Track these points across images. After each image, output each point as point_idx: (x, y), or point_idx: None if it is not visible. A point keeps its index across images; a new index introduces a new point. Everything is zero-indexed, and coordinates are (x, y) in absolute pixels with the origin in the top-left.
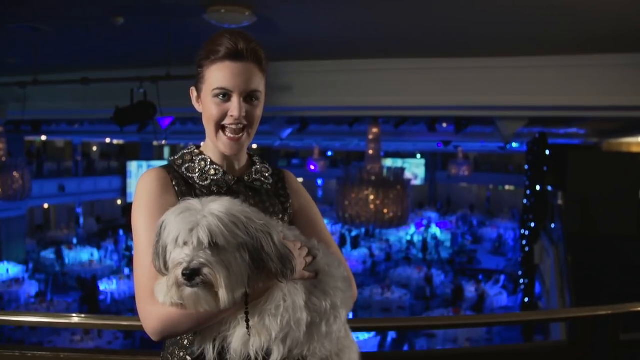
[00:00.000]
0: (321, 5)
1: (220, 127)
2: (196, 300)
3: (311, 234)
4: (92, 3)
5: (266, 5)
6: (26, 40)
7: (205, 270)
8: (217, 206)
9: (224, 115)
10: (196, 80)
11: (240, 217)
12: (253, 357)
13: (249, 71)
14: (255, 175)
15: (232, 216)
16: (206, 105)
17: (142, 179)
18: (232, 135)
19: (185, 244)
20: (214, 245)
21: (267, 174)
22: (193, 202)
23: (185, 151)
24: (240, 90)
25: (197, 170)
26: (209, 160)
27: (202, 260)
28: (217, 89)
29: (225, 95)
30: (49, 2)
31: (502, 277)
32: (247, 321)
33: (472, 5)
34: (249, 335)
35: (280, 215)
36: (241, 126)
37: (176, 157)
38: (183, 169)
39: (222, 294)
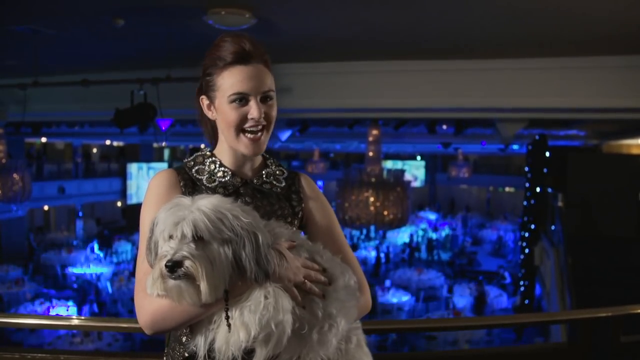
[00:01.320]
0: (321, 7)
1: (240, 130)
2: (179, 293)
3: (323, 238)
4: (92, 5)
5: (266, 7)
6: (26, 42)
7: (187, 263)
8: (205, 202)
9: (243, 119)
10: (205, 88)
11: (227, 214)
12: (234, 356)
13: (260, 72)
14: (267, 178)
15: (218, 212)
16: (223, 111)
17: (152, 180)
18: (252, 136)
19: (170, 237)
20: (198, 240)
21: (281, 177)
22: (184, 199)
23: (198, 154)
24: (256, 92)
25: (206, 172)
26: (219, 162)
27: (184, 253)
28: (234, 94)
29: (242, 99)
30: (50, 4)
31: (507, 275)
32: (227, 317)
33: (472, 7)
34: (229, 332)
35: (290, 219)
36: (260, 127)
37: (189, 159)
38: (193, 171)
39: (204, 287)
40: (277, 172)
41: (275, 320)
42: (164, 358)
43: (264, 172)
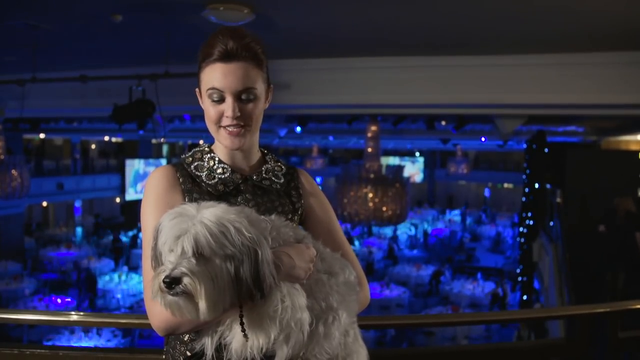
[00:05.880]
0: (319, 3)
1: (218, 126)
2: (177, 308)
3: (323, 234)
4: (90, 0)
5: (265, 3)
6: (24, 37)
7: (186, 280)
8: (209, 214)
9: (220, 116)
10: (197, 82)
11: (230, 227)
12: (254, 358)
13: (242, 69)
14: (266, 174)
15: (221, 225)
16: (205, 106)
17: (151, 177)
18: (230, 130)
19: (171, 251)
20: (199, 255)
21: (279, 173)
22: (188, 207)
23: (196, 149)
24: (231, 90)
25: (205, 168)
26: (217, 158)
27: (183, 269)
28: (210, 89)
29: (217, 96)
30: (48, 0)
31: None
32: (242, 324)
33: (471, 3)
34: (247, 339)
35: (290, 215)
36: (237, 124)
37: (187, 155)
38: (192, 167)
39: (202, 305)
40: (276, 168)
41: (294, 320)
42: (164, 356)
43: (263, 168)
